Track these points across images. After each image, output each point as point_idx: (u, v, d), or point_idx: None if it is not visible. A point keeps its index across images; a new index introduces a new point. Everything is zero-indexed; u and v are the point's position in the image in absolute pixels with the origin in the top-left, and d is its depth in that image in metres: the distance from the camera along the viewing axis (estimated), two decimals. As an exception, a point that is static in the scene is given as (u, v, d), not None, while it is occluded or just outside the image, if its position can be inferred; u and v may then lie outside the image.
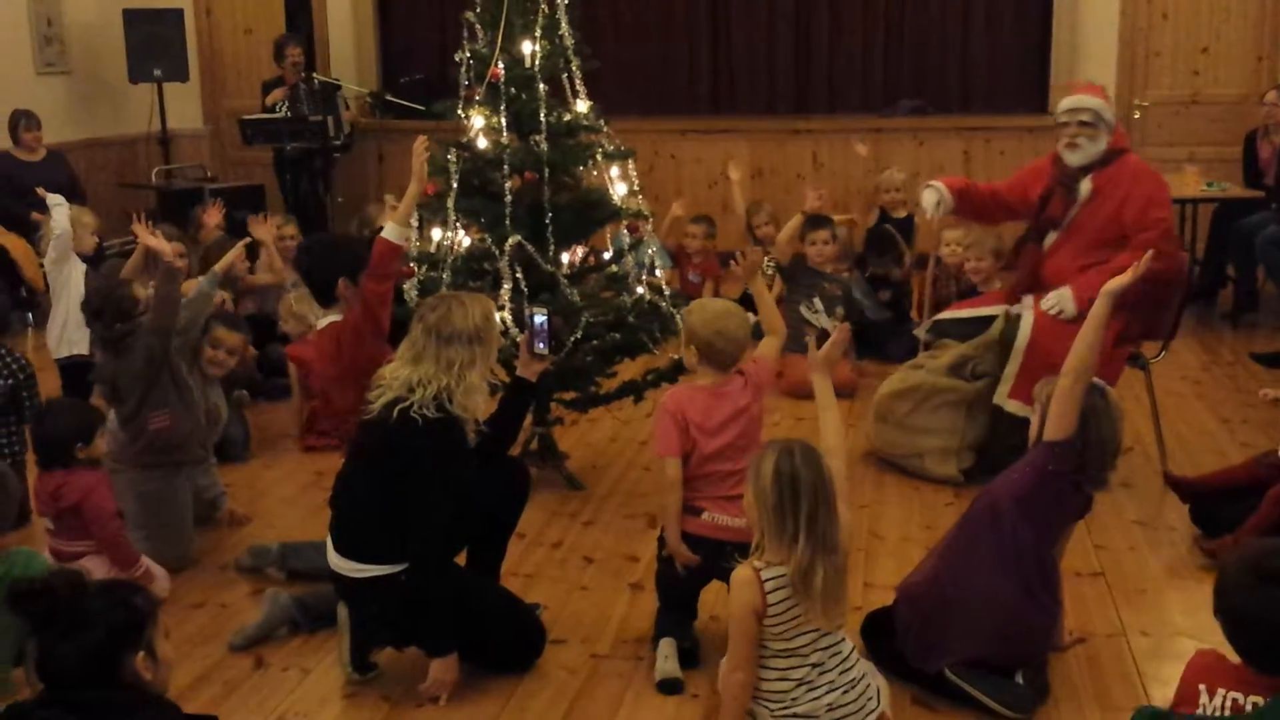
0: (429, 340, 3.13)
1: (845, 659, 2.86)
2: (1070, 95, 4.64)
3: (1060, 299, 4.48)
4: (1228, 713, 2.37)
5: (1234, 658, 2.41)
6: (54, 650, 2.28)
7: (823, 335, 5.70)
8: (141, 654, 2.31)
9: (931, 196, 4.88)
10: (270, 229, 6.39)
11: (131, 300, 4.09)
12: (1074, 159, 4.60)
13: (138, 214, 4.86)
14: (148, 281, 4.49)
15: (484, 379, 3.19)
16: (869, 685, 2.89)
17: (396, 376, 3.14)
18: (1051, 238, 4.70)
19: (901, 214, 6.68)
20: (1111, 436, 3.08)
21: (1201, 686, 2.42)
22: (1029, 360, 4.43)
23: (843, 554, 2.79)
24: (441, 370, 3.10)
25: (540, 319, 3.45)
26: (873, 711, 2.87)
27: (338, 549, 3.19)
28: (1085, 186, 4.59)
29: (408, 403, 3.07)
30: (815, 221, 6.21)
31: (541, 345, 3.45)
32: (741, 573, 2.77)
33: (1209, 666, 2.46)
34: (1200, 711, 2.40)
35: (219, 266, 4.75)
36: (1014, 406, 4.42)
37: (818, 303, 5.92)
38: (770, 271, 6.60)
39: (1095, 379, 3.12)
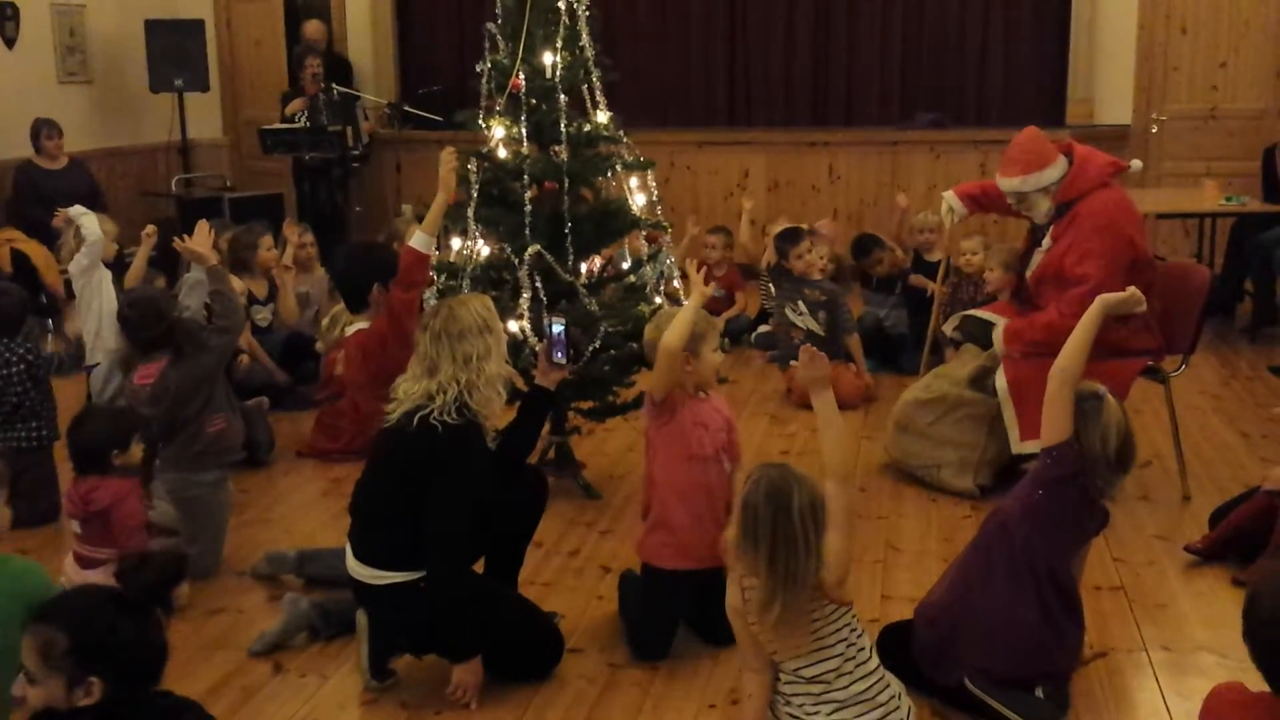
0: (440, 344, 3.13)
1: (860, 679, 2.82)
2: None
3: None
4: None
5: (1255, 685, 2.37)
6: None
7: (811, 336, 5.73)
8: None
9: (944, 208, 5.08)
10: (292, 239, 6.52)
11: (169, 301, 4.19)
12: (1035, 219, 4.63)
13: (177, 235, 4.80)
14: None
15: (500, 368, 3.20)
16: (897, 707, 2.85)
17: (411, 391, 3.15)
18: (1030, 269, 4.71)
19: (936, 257, 6.47)
20: (1108, 441, 3.00)
21: None
22: (1019, 401, 4.39)
23: (809, 586, 2.72)
24: (460, 368, 3.11)
25: (558, 328, 3.46)
26: None
27: (357, 556, 3.20)
28: (1047, 241, 4.57)
29: (427, 410, 3.08)
30: (790, 235, 6.23)
31: (560, 354, 3.47)
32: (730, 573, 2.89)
33: (1231, 702, 2.40)
34: None
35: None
36: (1031, 446, 4.33)
37: (802, 305, 5.97)
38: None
39: (1096, 385, 3.09)
